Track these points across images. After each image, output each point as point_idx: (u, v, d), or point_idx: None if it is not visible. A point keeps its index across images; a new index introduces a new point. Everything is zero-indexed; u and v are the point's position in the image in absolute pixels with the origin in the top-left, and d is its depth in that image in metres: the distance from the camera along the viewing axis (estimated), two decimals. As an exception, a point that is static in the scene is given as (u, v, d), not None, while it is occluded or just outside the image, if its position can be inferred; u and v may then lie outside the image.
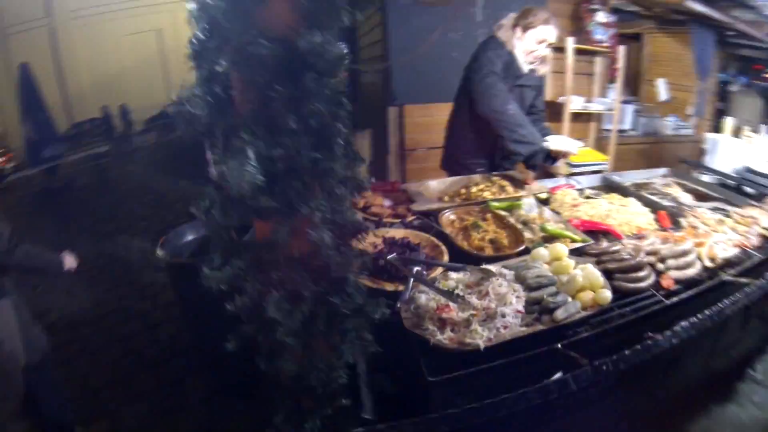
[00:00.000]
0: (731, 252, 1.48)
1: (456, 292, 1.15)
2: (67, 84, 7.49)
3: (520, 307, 1.10)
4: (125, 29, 8.70)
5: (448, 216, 1.73)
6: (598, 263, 1.29)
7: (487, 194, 1.92)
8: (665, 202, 1.96)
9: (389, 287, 1.25)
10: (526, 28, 2.03)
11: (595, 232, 1.65)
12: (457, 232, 1.62)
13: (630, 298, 1.20)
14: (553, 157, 2.09)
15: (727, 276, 1.36)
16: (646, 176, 2.39)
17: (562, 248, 1.29)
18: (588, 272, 1.17)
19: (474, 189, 1.99)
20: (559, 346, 1.01)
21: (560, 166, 2.28)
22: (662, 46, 4.42)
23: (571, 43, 3.29)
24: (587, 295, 1.12)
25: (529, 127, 1.99)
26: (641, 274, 1.26)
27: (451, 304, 1.10)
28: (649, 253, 1.38)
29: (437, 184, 2.11)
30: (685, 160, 2.77)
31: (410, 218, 1.81)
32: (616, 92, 3.65)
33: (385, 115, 3.67)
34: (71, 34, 7.39)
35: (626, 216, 1.76)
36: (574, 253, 1.37)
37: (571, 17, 3.55)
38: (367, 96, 4.37)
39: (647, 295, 1.22)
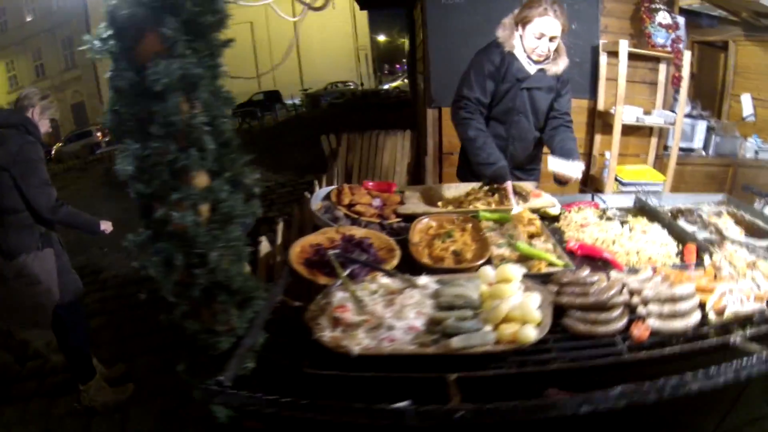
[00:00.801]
0: (750, 307, 1.09)
1: (358, 294, 1.10)
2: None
3: (418, 324, 1.00)
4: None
5: (426, 222, 1.65)
6: (557, 294, 1.13)
7: (480, 204, 1.80)
8: (701, 234, 1.66)
9: (322, 281, 1.24)
10: (524, 24, 1.85)
11: (594, 259, 1.44)
12: (427, 239, 1.55)
13: (570, 343, 1.01)
14: (558, 179, 1.90)
15: (736, 337, 1.01)
16: (693, 201, 2.02)
17: (512, 270, 1.17)
18: (523, 303, 1.03)
19: (471, 197, 1.88)
20: (451, 376, 0.88)
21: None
22: (751, 56, 3.77)
23: (624, 47, 2.93)
24: (509, 328, 0.97)
25: (489, 148, 1.86)
26: (604, 315, 1.05)
27: (348, 304, 1.06)
28: (633, 292, 1.13)
29: (441, 189, 2.02)
30: (749, 186, 2.34)
31: (392, 220, 1.77)
32: (679, 104, 3.19)
33: (423, 117, 3.63)
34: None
35: (639, 244, 1.50)
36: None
37: (630, 18, 3.18)
38: (417, 99, 4.37)
39: (603, 343, 1.01)
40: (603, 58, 3.14)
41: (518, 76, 1.93)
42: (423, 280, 1.18)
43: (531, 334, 0.96)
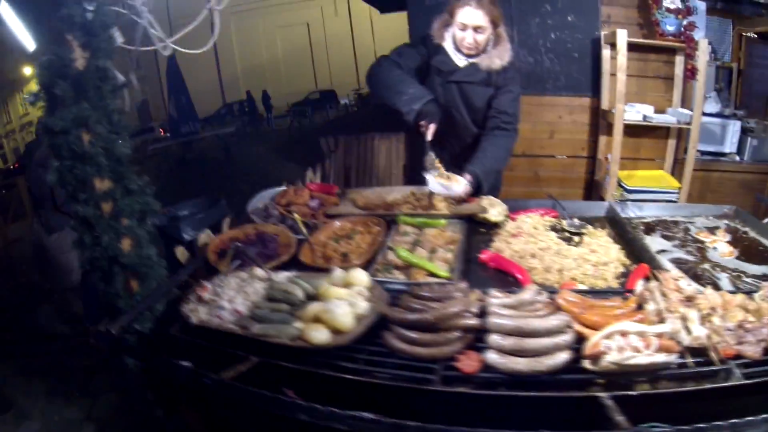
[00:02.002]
0: (647, 359, 0.84)
1: (221, 278, 1.18)
2: (221, 70, 8.99)
3: (242, 308, 1.06)
4: (279, 21, 9.93)
5: (341, 224, 1.62)
6: (398, 306, 1.02)
7: (405, 207, 1.73)
8: (674, 253, 1.45)
9: (222, 268, 1.32)
10: (451, 14, 1.73)
11: (506, 273, 1.31)
12: (332, 239, 1.53)
13: (388, 359, 0.94)
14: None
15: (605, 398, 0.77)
16: (689, 213, 1.78)
17: (359, 276, 1.12)
18: (329, 307, 0.98)
19: (401, 201, 1.81)
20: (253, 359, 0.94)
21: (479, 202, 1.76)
22: None
23: (622, 37, 2.59)
24: (312, 328, 0.94)
25: (408, 89, 1.67)
26: (428, 337, 0.94)
27: (209, 285, 1.14)
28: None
29: (384, 192, 1.97)
30: (762, 197, 1.96)
31: (320, 220, 1.77)
32: (695, 101, 2.76)
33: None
34: (228, 27, 8.82)
35: (566, 261, 1.32)
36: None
37: (637, 6, 2.81)
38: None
39: (419, 367, 0.91)
40: (606, 52, 2.80)
41: (443, 68, 1.82)
42: (281, 275, 1.20)
43: (318, 336, 0.94)
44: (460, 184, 1.69)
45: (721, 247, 1.48)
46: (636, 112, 2.80)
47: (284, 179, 2.12)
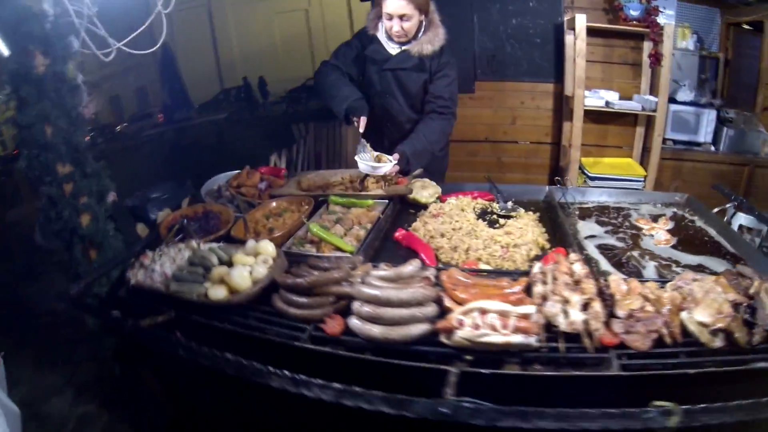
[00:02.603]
0: (500, 338, 0.90)
1: (163, 246, 1.43)
2: (219, 56, 9.24)
3: (168, 271, 1.30)
4: (277, 8, 10.12)
5: (277, 203, 1.85)
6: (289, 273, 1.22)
7: (337, 189, 1.97)
8: (604, 239, 1.57)
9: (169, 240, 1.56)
10: (379, 5, 1.92)
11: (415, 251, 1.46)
12: (265, 216, 1.77)
13: (272, 317, 1.15)
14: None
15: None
16: (637, 200, 1.91)
17: (266, 246, 1.35)
18: (231, 272, 1.21)
19: (337, 182, 2.04)
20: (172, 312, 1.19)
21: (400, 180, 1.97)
22: None
23: (581, 21, 2.72)
24: (212, 288, 1.19)
25: (342, 90, 1.92)
26: (301, 300, 1.12)
27: (149, 252, 1.39)
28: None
29: (327, 174, 2.19)
30: (719, 186, 2.04)
31: (265, 200, 2.02)
32: (661, 88, 2.88)
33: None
34: (226, 13, 9.05)
35: (474, 242, 1.47)
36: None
37: None
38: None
39: (294, 326, 1.10)
40: (569, 38, 2.93)
41: (376, 57, 2.03)
42: (207, 245, 1.44)
43: (217, 294, 1.18)
44: (387, 164, 1.89)
45: (658, 235, 1.58)
46: (598, 98, 2.94)
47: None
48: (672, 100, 3.23)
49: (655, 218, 1.73)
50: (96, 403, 2.31)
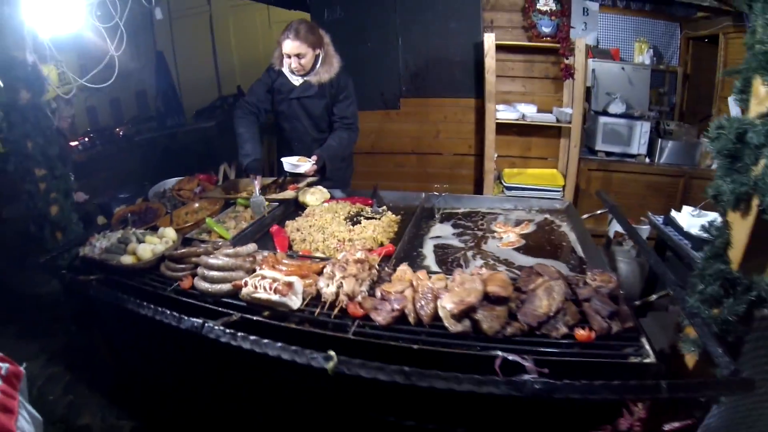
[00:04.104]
0: (267, 296, 1.43)
1: (108, 231, 2.19)
2: (218, 63, 10.26)
3: (103, 245, 2.04)
4: (275, 17, 11.09)
5: (199, 204, 2.62)
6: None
7: (244, 193, 2.71)
8: (451, 240, 2.06)
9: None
10: (279, 45, 2.59)
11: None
12: (185, 212, 2.54)
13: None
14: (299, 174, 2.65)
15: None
16: (513, 206, 2.43)
17: (169, 232, 2.08)
18: (141, 246, 1.97)
19: (250, 188, 2.76)
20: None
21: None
22: (742, 52, 3.68)
23: (489, 40, 3.35)
24: (125, 257, 1.95)
25: (249, 144, 2.61)
26: (174, 265, 1.86)
27: (96, 234, 2.15)
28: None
29: (246, 181, 2.83)
30: (600, 192, 2.53)
31: (195, 201, 2.80)
32: (575, 101, 3.47)
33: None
34: (227, 20, 10.07)
35: (318, 236, 2.11)
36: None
37: (521, 9, 3.54)
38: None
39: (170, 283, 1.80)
40: (490, 55, 3.52)
41: (283, 89, 2.73)
42: (136, 230, 2.22)
43: (125, 260, 1.91)
44: (307, 164, 2.61)
45: (507, 238, 2.06)
46: (514, 112, 3.57)
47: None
48: (605, 113, 3.81)
49: (518, 223, 2.22)
50: (62, 366, 3.14)
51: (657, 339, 1.40)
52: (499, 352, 1.17)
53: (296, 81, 2.73)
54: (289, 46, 2.57)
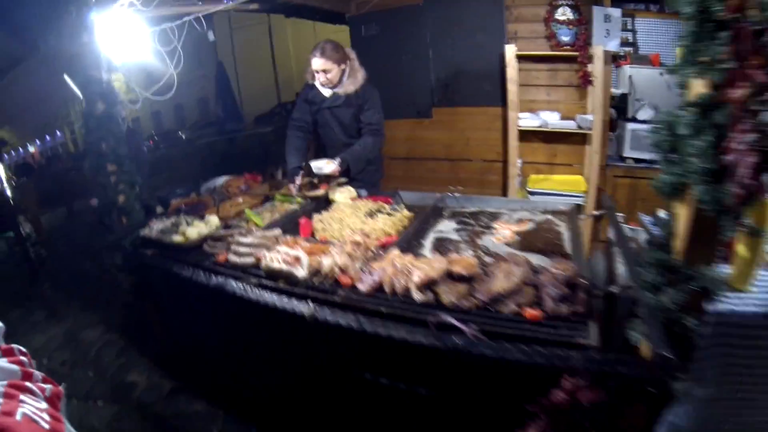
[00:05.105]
0: (280, 266, 1.95)
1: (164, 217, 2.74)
2: (278, 72, 11.14)
3: (160, 227, 2.57)
4: (331, 27, 11.87)
5: (245, 198, 3.13)
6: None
7: (284, 190, 3.18)
8: (433, 234, 2.41)
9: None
10: (309, 62, 3.04)
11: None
12: (231, 206, 3.04)
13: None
14: (326, 174, 3.08)
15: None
16: (519, 206, 2.68)
17: (213, 219, 2.59)
18: (188, 228, 2.50)
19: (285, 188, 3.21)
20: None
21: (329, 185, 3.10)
22: None
23: (510, 51, 3.63)
24: (176, 237, 2.47)
25: (290, 154, 3.16)
26: (217, 244, 2.37)
27: (154, 219, 2.72)
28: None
29: (283, 181, 3.39)
30: (603, 193, 2.80)
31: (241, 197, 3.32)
32: (595, 106, 3.60)
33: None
34: (286, 31, 10.93)
35: (335, 226, 2.51)
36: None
37: (543, 20, 3.76)
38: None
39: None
40: (512, 66, 3.78)
41: (316, 100, 3.19)
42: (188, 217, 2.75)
43: (176, 239, 2.42)
44: (331, 165, 3.06)
45: (501, 233, 2.35)
46: (535, 119, 3.81)
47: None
48: (633, 119, 3.95)
49: (518, 222, 2.49)
50: (118, 333, 3.78)
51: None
52: (445, 316, 1.49)
53: (326, 93, 3.18)
54: (317, 63, 3.03)
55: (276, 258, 1.95)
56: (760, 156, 1.21)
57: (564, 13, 3.66)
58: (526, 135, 3.93)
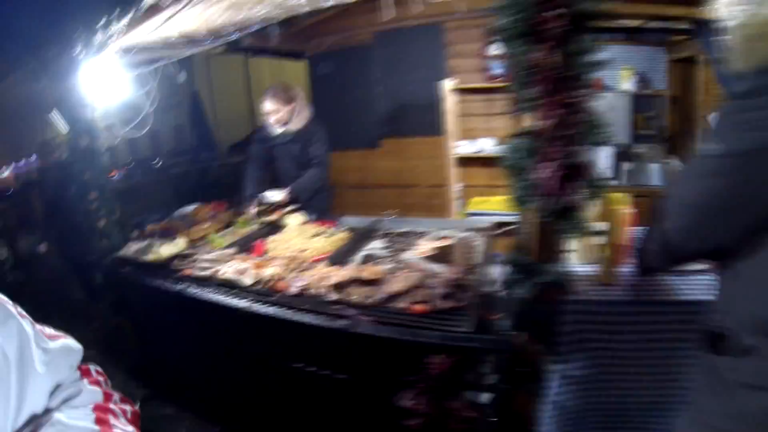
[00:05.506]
0: (225, 273, 2.74)
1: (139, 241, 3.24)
2: (253, 100, 11.62)
3: (138, 247, 3.10)
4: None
5: (210, 223, 3.65)
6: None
7: (243, 216, 3.71)
8: (361, 252, 2.90)
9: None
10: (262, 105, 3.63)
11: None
12: (197, 230, 3.55)
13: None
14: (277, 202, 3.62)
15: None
16: (449, 226, 3.19)
17: (180, 241, 3.11)
18: (159, 248, 3.00)
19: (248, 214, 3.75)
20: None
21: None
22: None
23: (446, 85, 4.23)
24: (149, 254, 2.98)
25: (247, 186, 3.74)
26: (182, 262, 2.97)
27: (131, 243, 3.22)
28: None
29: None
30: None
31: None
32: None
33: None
34: (260, 60, 11.48)
35: (281, 246, 2.99)
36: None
37: (476, 56, 4.39)
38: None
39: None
40: (449, 98, 4.38)
41: (270, 137, 3.76)
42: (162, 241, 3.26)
43: (148, 258, 2.94)
44: (280, 195, 3.61)
45: (422, 248, 2.88)
46: (472, 146, 4.41)
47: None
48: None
49: (440, 239, 3.01)
50: (95, 350, 4.19)
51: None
52: (344, 309, 2.03)
53: (278, 130, 3.76)
54: (267, 105, 3.64)
55: (228, 270, 2.48)
56: (566, 171, 1.61)
57: (496, 48, 4.28)
58: (469, 161, 4.52)
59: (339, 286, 2.13)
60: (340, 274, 2.20)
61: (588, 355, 1.88)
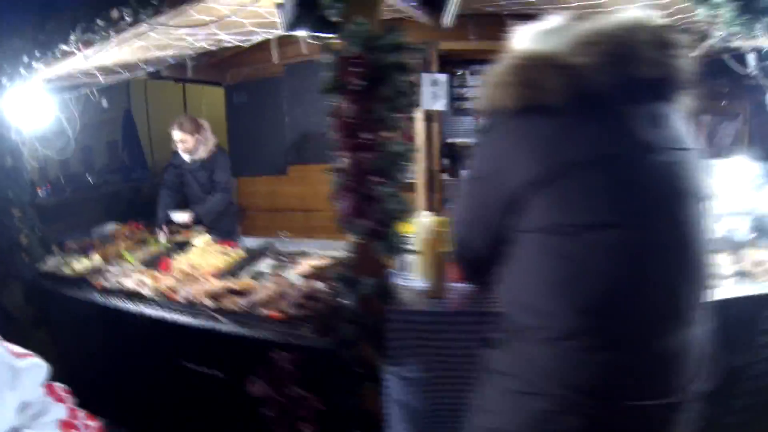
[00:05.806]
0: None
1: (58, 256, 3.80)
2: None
3: (53, 264, 3.66)
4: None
5: (127, 242, 4.24)
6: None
7: (155, 236, 4.33)
8: (252, 269, 3.75)
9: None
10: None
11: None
12: (114, 248, 4.13)
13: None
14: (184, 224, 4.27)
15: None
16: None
17: (95, 258, 3.71)
18: (76, 264, 3.59)
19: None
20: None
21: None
22: None
23: None
24: (66, 267, 3.55)
25: (160, 209, 4.34)
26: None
27: (52, 258, 3.78)
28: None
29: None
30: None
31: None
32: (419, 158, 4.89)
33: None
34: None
35: (182, 264, 3.55)
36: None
37: None
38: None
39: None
40: None
41: (180, 164, 4.43)
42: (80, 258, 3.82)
43: (66, 271, 3.53)
44: (185, 216, 4.27)
45: (301, 268, 3.56)
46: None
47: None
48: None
49: (320, 258, 3.79)
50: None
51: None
52: (216, 316, 2.72)
53: (187, 158, 4.42)
54: (176, 135, 4.29)
55: (131, 282, 3.13)
56: (362, 202, 2.03)
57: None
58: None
59: (214, 296, 2.82)
60: (216, 285, 2.90)
61: (420, 360, 2.02)
